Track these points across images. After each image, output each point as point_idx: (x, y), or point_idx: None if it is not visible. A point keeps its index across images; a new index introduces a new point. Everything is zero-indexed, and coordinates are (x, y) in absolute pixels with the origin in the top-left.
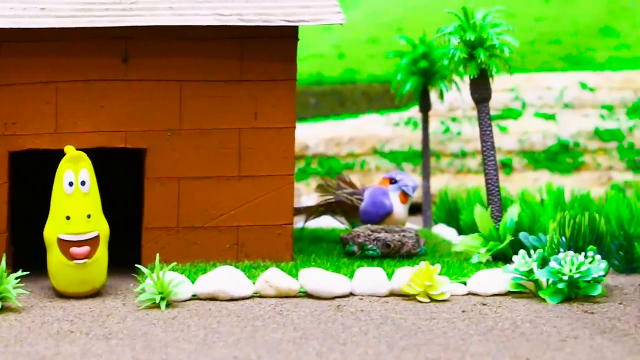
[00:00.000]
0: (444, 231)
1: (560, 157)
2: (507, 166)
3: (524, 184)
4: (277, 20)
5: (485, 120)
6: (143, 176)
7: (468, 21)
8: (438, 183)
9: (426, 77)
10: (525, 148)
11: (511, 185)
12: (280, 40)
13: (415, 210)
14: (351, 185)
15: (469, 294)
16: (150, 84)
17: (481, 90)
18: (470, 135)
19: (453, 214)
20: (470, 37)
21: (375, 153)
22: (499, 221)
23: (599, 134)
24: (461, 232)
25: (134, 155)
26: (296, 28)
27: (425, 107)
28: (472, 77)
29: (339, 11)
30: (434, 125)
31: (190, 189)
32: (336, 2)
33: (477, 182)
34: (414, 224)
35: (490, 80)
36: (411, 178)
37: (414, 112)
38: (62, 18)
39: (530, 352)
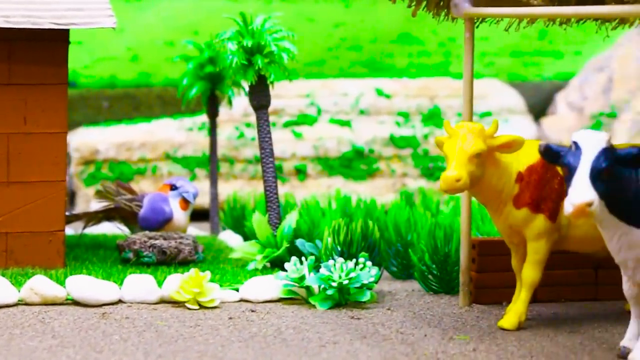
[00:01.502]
0: (230, 237)
1: (355, 163)
2: (301, 172)
3: (318, 190)
4: (45, 22)
5: (264, 127)
6: None
7: (246, 27)
8: (230, 189)
9: (213, 82)
10: (320, 154)
11: (305, 191)
12: (50, 44)
13: (204, 216)
14: (130, 191)
15: (241, 300)
16: None
17: (260, 97)
18: None
19: (240, 220)
20: (248, 43)
21: (167, 158)
22: (277, 228)
23: (393, 141)
24: (247, 238)
25: None
26: (67, 31)
27: (213, 113)
28: (250, 84)
29: (111, 14)
30: (228, 131)
31: None
32: (109, 5)
33: None
34: (202, 230)
35: (270, 86)
36: (192, 184)
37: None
38: None
39: (286, 358)
